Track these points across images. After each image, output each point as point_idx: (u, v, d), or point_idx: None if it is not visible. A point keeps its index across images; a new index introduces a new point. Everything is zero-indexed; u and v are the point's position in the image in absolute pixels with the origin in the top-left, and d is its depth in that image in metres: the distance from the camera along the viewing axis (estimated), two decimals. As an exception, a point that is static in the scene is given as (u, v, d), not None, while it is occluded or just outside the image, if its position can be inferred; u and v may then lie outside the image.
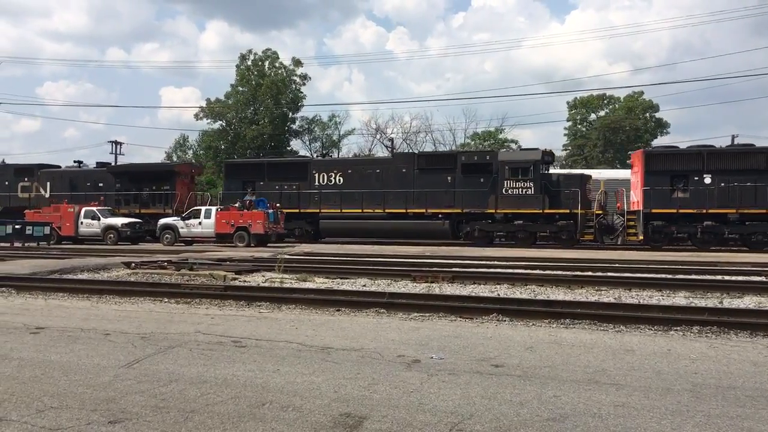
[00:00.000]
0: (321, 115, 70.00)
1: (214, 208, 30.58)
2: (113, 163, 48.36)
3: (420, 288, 12.81)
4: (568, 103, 68.87)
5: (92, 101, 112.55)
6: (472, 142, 65.95)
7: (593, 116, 68.19)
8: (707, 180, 27.52)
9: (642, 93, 64.56)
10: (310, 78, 64.97)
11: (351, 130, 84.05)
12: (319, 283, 14.12)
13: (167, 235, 30.96)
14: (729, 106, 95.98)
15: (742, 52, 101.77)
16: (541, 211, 29.69)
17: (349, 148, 68.57)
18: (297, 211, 33.54)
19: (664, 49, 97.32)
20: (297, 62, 63.59)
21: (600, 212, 29.83)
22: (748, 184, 26.95)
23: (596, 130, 64.05)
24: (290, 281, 14.13)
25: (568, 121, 69.09)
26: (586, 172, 35.27)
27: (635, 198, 29.31)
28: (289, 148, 64.90)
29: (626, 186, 30.70)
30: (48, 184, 38.49)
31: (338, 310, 9.73)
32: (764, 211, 26.86)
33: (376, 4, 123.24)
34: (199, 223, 30.43)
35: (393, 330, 7.98)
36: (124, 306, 10.32)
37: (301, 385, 5.31)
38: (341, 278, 14.81)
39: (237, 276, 14.92)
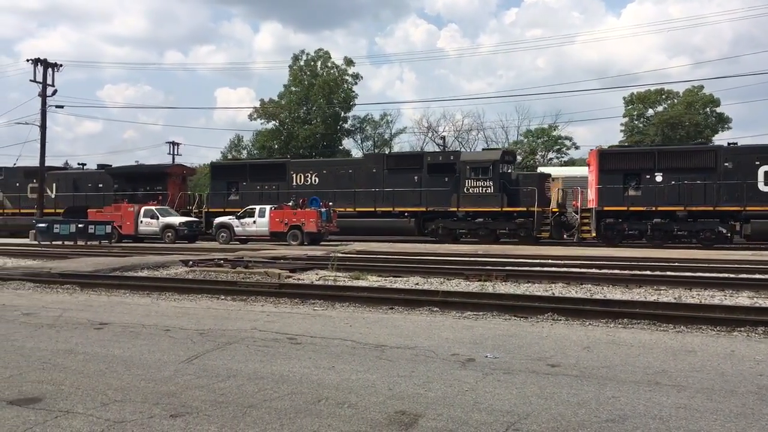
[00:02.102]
0: (373, 114, 70.35)
1: (268, 207, 31.01)
2: (173, 163, 49.70)
3: (473, 286, 12.72)
4: (624, 98, 67.31)
5: (150, 103, 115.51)
6: (525, 140, 65.21)
7: (651, 112, 66.47)
8: (658, 178, 28.21)
9: (702, 87, 62.67)
10: (361, 77, 65.49)
11: (402, 128, 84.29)
12: (372, 281, 14.17)
13: (223, 234, 31.57)
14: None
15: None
16: (499, 209, 30.57)
17: (400, 147, 68.67)
18: None
19: (725, 42, 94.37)
20: (349, 62, 64.02)
21: (556, 210, 30.59)
22: (698, 182, 27.54)
23: (654, 126, 62.34)
24: (343, 279, 14.21)
25: (624, 117, 67.54)
26: (546, 170, 37.23)
27: (591, 196, 30.09)
28: (341, 147, 65.36)
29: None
30: (54, 185, 40.01)
31: (391, 308, 9.75)
32: (711, 208, 27.41)
33: (427, 2, 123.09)
34: (254, 222, 30.92)
35: (447, 328, 7.96)
36: (182, 303, 10.56)
37: (356, 383, 5.34)
38: (394, 276, 14.83)
39: (291, 274, 15.10)
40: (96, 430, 4.19)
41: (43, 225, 31.70)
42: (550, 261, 18.76)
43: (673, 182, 27.77)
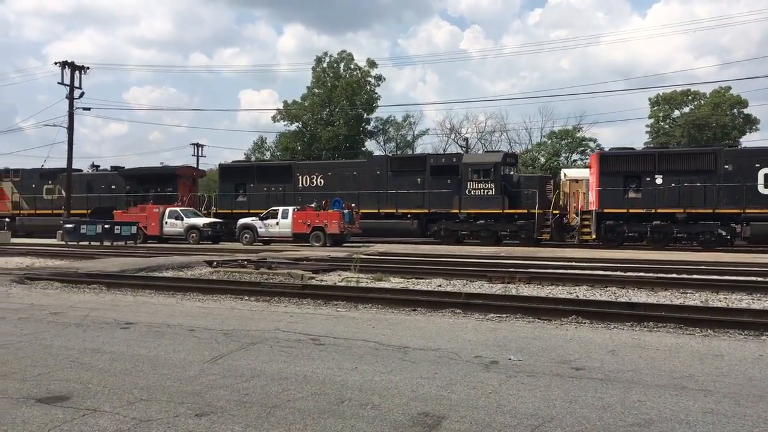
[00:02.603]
0: (395, 116, 70.37)
1: (291, 209, 31.19)
2: (196, 165, 50.21)
3: (496, 289, 12.68)
4: (650, 99, 66.44)
5: (175, 105, 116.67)
6: (549, 141, 64.74)
7: (677, 113, 65.59)
8: (658, 180, 28.30)
9: (729, 88, 61.67)
10: (384, 79, 65.39)
11: (425, 130, 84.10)
12: (394, 282, 14.18)
13: (246, 235, 31.80)
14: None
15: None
16: (501, 210, 30.85)
17: (423, 148, 68.57)
18: None
19: (753, 43, 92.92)
20: (371, 63, 64.01)
21: (557, 212, 30.69)
22: (698, 184, 27.58)
23: (680, 128, 61.45)
24: (366, 281, 14.24)
25: (650, 118, 66.69)
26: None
27: (591, 198, 30.35)
28: (363, 149, 65.41)
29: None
30: None
31: (414, 310, 9.74)
32: (710, 210, 27.41)
33: (450, 3, 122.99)
34: (277, 223, 31.11)
35: (470, 330, 7.93)
36: (207, 303, 10.64)
37: (379, 384, 5.35)
38: (416, 278, 14.82)
39: (314, 275, 15.16)
40: (122, 429, 4.24)
41: (70, 225, 32.19)
42: (573, 263, 18.63)
43: (673, 184, 27.87)
